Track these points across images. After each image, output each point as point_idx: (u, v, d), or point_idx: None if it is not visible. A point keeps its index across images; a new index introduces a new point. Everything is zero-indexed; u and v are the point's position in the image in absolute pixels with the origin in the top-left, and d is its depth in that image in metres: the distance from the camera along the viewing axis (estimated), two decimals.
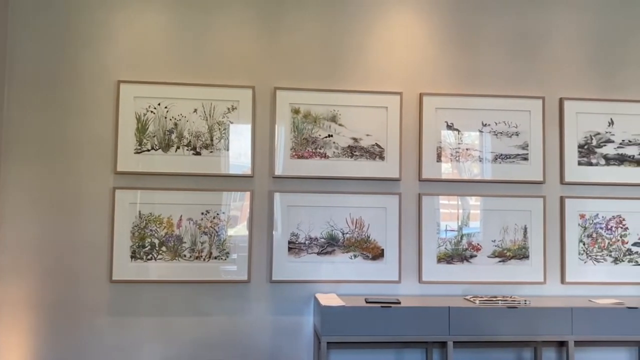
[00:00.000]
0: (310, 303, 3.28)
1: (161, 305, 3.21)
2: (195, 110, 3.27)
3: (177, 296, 3.22)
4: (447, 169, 3.40)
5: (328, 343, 2.92)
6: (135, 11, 3.29)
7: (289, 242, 3.29)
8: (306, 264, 3.29)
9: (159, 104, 3.25)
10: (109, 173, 3.22)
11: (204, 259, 3.23)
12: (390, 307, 2.95)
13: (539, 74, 3.50)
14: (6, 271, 3.13)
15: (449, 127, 3.41)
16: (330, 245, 3.31)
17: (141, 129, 3.23)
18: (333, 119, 3.34)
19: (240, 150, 3.29)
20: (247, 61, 3.34)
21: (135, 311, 3.19)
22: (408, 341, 3.14)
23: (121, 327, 3.18)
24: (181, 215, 3.23)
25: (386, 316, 2.92)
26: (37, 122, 3.19)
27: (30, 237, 3.15)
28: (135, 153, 3.22)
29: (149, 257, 3.20)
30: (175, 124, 3.25)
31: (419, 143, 3.39)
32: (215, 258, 3.24)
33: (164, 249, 3.21)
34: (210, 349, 3.22)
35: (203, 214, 3.24)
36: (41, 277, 3.15)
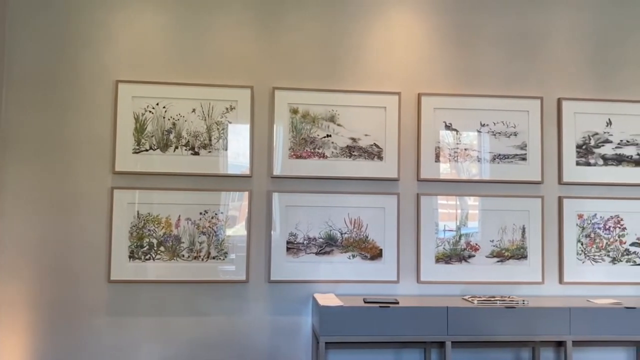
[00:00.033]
0: (308, 303, 3.28)
1: (159, 305, 3.20)
2: (194, 110, 3.26)
3: (175, 296, 3.21)
4: (445, 169, 3.41)
5: (326, 343, 2.92)
6: (133, 11, 3.29)
7: (288, 242, 3.29)
8: (304, 264, 3.29)
9: (158, 104, 3.24)
10: (107, 173, 3.21)
11: (202, 259, 3.23)
12: (388, 307, 2.95)
13: (537, 74, 3.50)
14: (4, 271, 3.13)
15: (448, 127, 3.41)
16: (328, 245, 3.31)
17: (139, 129, 3.23)
18: (331, 119, 3.34)
19: (238, 150, 3.28)
20: (245, 61, 3.34)
21: (133, 311, 3.19)
22: (406, 341, 3.14)
23: (119, 327, 3.18)
24: (179, 215, 3.23)
25: (384, 316, 2.92)
26: (35, 122, 3.19)
27: (29, 236, 3.15)
28: (133, 153, 3.21)
29: (147, 257, 3.20)
30: (174, 124, 3.25)
31: (418, 143, 3.39)
32: (214, 258, 3.23)
33: (162, 249, 3.21)
34: (209, 349, 3.22)
35: (201, 214, 3.24)
36: (39, 277, 3.15)
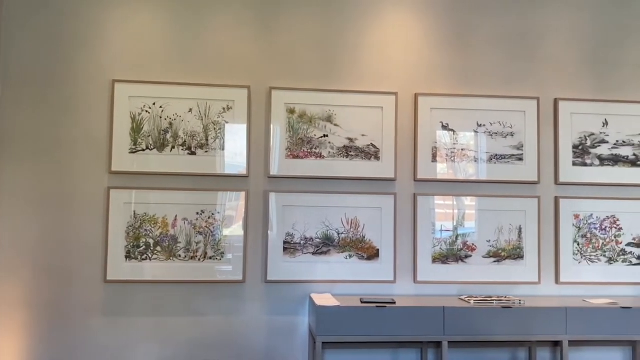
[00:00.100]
0: (305, 303, 3.28)
1: (156, 306, 3.20)
2: (191, 110, 3.26)
3: (172, 296, 3.21)
4: (442, 169, 3.41)
5: (323, 343, 2.92)
6: (130, 10, 3.28)
7: (284, 242, 3.29)
8: (301, 264, 3.28)
9: (154, 104, 3.24)
10: (103, 173, 3.21)
11: (199, 259, 3.22)
12: (385, 307, 2.95)
13: (534, 74, 3.51)
14: (0, 271, 3.12)
15: (444, 128, 3.42)
16: (325, 245, 3.31)
17: (136, 129, 3.22)
18: (328, 119, 3.34)
19: (235, 150, 3.28)
20: (242, 61, 3.33)
21: (130, 311, 3.18)
22: (403, 341, 3.14)
23: (116, 327, 3.17)
24: (176, 215, 3.22)
25: (381, 316, 2.92)
26: (31, 122, 3.18)
27: (25, 236, 3.14)
28: (130, 153, 3.21)
29: (143, 257, 3.19)
30: (171, 124, 3.25)
31: (415, 143, 3.39)
32: (211, 258, 3.23)
33: (158, 249, 3.20)
34: (205, 349, 3.21)
35: (198, 214, 3.23)
36: (35, 277, 3.14)
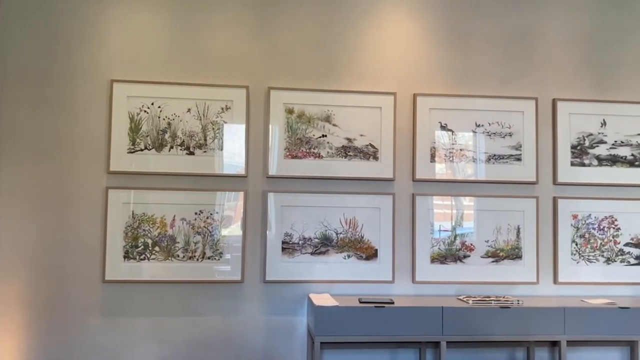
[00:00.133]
0: (303, 303, 3.28)
1: (154, 306, 3.19)
2: (189, 110, 3.26)
3: (170, 296, 3.21)
4: (440, 170, 3.41)
5: (321, 343, 2.92)
6: (129, 10, 3.28)
7: (283, 242, 3.28)
8: (300, 264, 3.28)
9: (153, 104, 3.24)
10: (101, 173, 3.20)
11: (197, 259, 3.22)
12: (383, 307, 2.95)
13: (532, 74, 3.51)
14: None
15: (443, 128, 3.42)
16: (324, 245, 3.31)
17: (134, 129, 3.22)
18: (327, 119, 3.34)
19: (234, 150, 3.28)
20: (241, 61, 3.33)
21: (128, 311, 3.18)
22: (401, 341, 3.14)
23: (114, 327, 3.17)
24: (174, 215, 3.22)
25: (380, 316, 2.92)
26: (29, 121, 3.18)
27: (23, 236, 3.14)
28: (128, 153, 3.20)
29: (142, 257, 3.19)
30: (169, 124, 3.24)
31: (413, 143, 3.39)
32: (209, 258, 3.23)
33: (157, 249, 3.20)
34: (204, 349, 3.21)
35: (196, 214, 3.23)
36: (33, 277, 3.13)
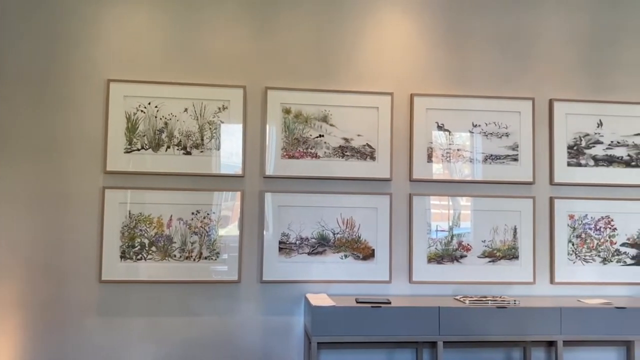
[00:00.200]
0: (300, 303, 3.28)
1: (151, 306, 3.19)
2: (186, 110, 3.25)
3: (167, 296, 3.20)
4: (437, 170, 3.41)
5: (318, 343, 2.92)
6: (126, 9, 3.27)
7: (280, 242, 3.28)
8: (297, 264, 3.28)
9: (149, 103, 3.23)
10: (98, 172, 3.20)
11: (194, 259, 3.22)
12: (380, 307, 2.95)
13: (529, 75, 3.52)
14: None
15: (440, 128, 3.42)
16: (321, 245, 3.31)
17: (131, 128, 3.21)
18: (324, 119, 3.34)
19: (231, 150, 3.28)
20: (238, 61, 3.33)
21: (124, 311, 3.18)
22: (398, 341, 3.14)
23: (110, 327, 3.16)
24: (171, 215, 3.22)
25: (376, 316, 2.93)
26: (26, 121, 3.17)
27: (19, 236, 3.13)
28: (125, 152, 3.20)
29: (138, 257, 3.18)
30: (166, 124, 3.24)
31: (410, 143, 3.39)
32: (206, 258, 3.22)
33: (153, 249, 3.19)
34: (201, 349, 3.21)
35: (193, 213, 3.23)
36: (30, 277, 3.12)
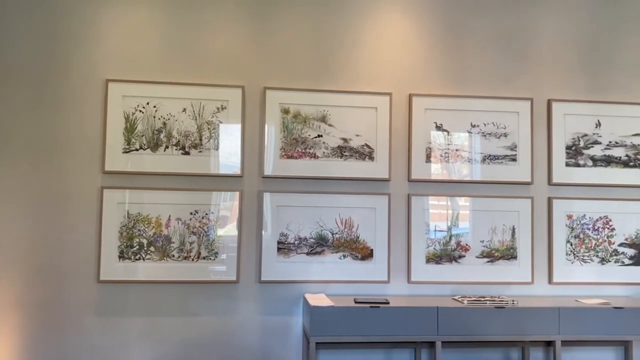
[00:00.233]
0: (299, 303, 3.28)
1: (149, 306, 3.19)
2: (184, 110, 3.25)
3: (165, 296, 3.20)
4: (436, 170, 3.42)
5: (317, 343, 2.92)
6: (124, 10, 3.27)
7: (278, 242, 3.28)
8: (295, 264, 3.28)
9: (148, 103, 3.23)
10: (97, 172, 3.19)
11: (192, 259, 3.21)
12: (379, 307, 2.95)
13: (527, 75, 3.52)
14: None
15: (438, 128, 3.42)
16: (319, 245, 3.31)
17: (130, 128, 3.21)
18: (323, 119, 3.34)
19: (229, 150, 3.27)
20: (236, 61, 3.33)
21: (123, 311, 3.17)
22: (397, 341, 3.14)
23: (109, 327, 3.16)
24: (170, 215, 3.21)
25: (375, 316, 2.93)
26: (25, 121, 3.16)
27: (18, 236, 3.12)
28: (123, 152, 3.20)
29: (137, 257, 3.18)
30: (164, 124, 3.24)
31: (409, 144, 3.40)
32: (204, 258, 3.22)
33: (152, 249, 3.19)
34: (199, 349, 3.21)
35: (192, 213, 3.23)
36: (28, 277, 3.12)
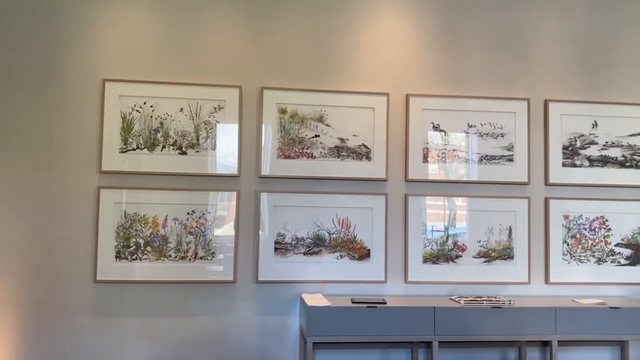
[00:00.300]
0: (296, 303, 3.28)
1: (146, 306, 3.18)
2: (182, 110, 3.25)
3: (162, 296, 3.19)
4: (433, 170, 3.42)
5: (314, 343, 2.92)
6: (121, 9, 3.26)
7: (276, 242, 3.28)
8: (292, 264, 3.28)
9: (145, 103, 3.22)
10: (94, 172, 3.19)
11: (189, 259, 3.21)
12: (376, 307, 2.95)
13: (524, 76, 3.52)
14: None
15: (435, 128, 3.43)
16: (316, 245, 3.31)
17: (126, 128, 3.20)
18: (320, 119, 3.34)
19: (227, 150, 3.27)
20: (234, 60, 3.33)
21: (120, 311, 3.17)
22: (394, 341, 3.14)
23: (106, 327, 3.15)
24: (167, 215, 3.21)
25: (372, 316, 2.93)
26: (21, 120, 3.15)
27: (14, 235, 3.12)
28: (120, 152, 3.19)
29: (134, 257, 3.18)
30: (161, 123, 3.23)
31: (406, 144, 3.40)
32: (201, 258, 3.22)
33: (149, 249, 3.19)
34: (196, 349, 3.20)
35: (189, 213, 3.22)
36: (25, 277, 3.11)
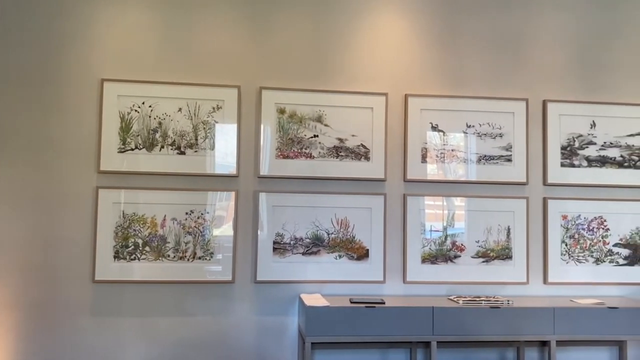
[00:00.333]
0: (295, 303, 3.28)
1: (144, 306, 3.18)
2: (180, 110, 3.25)
3: (160, 296, 3.19)
4: (432, 170, 3.42)
5: (312, 343, 2.92)
6: (120, 9, 3.26)
7: (274, 242, 3.28)
8: (291, 264, 3.28)
9: (143, 103, 3.22)
10: (92, 172, 3.19)
11: (188, 259, 3.21)
12: (374, 307, 2.95)
13: (522, 76, 3.53)
14: None
15: (434, 128, 3.43)
16: (315, 245, 3.31)
17: (125, 128, 3.20)
18: (319, 119, 3.34)
19: (225, 149, 3.27)
20: (232, 60, 3.33)
21: (118, 311, 3.17)
22: (392, 341, 3.14)
23: (104, 327, 3.15)
24: (165, 215, 3.21)
25: (370, 316, 2.93)
26: (19, 120, 3.15)
27: (12, 235, 3.11)
28: (119, 152, 3.19)
29: (132, 257, 3.17)
30: (160, 123, 3.23)
31: (404, 144, 3.40)
32: (200, 258, 3.22)
33: (147, 249, 3.19)
34: (195, 349, 3.20)
35: (187, 213, 3.22)
36: (23, 277, 3.11)
